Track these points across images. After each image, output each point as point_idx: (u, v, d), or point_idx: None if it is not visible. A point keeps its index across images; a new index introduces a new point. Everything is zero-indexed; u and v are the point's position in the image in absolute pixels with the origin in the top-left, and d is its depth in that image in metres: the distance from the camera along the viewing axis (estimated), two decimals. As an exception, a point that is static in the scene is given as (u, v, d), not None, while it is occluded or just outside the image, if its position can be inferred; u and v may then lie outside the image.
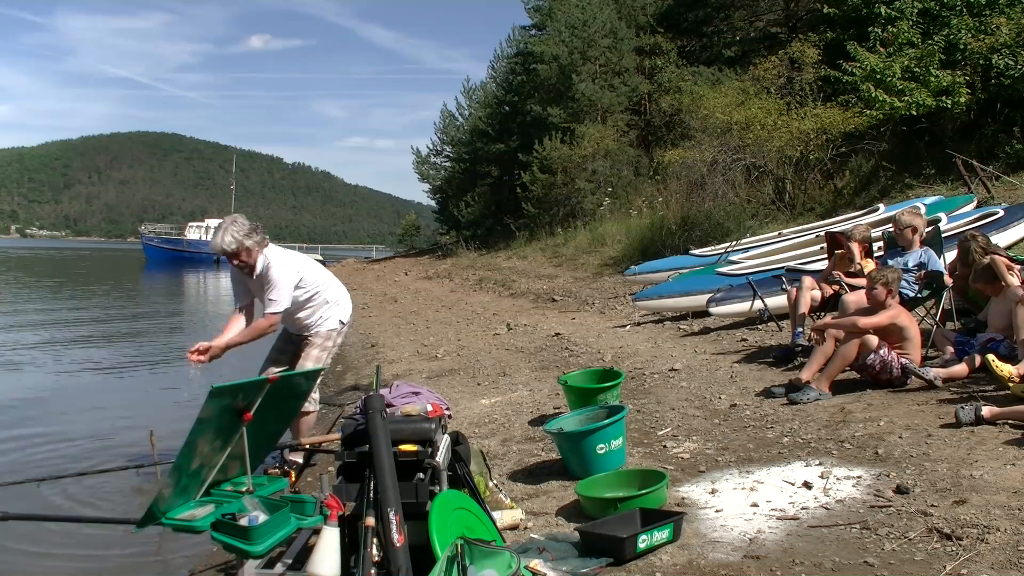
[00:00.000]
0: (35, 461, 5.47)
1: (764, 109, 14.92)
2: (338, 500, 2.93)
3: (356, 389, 7.41)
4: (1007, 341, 4.88)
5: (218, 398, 3.00)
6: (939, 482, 3.47)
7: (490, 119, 33.48)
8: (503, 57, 35.20)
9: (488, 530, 3.11)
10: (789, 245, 10.00)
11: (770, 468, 3.94)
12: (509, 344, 9.03)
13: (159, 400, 7.82)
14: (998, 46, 12.28)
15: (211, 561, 3.72)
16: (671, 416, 5.13)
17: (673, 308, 8.98)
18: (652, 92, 25.50)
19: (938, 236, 6.28)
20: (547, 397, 6.11)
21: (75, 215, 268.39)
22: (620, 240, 17.25)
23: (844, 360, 5.02)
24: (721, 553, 3.06)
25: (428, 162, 39.28)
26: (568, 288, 14.36)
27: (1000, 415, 4.09)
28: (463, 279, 20.12)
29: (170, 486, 3.03)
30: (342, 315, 4.86)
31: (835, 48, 15.42)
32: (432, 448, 3.12)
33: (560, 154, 23.86)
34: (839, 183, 15.01)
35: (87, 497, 4.72)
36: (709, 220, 14.42)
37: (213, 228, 26.30)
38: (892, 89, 12.39)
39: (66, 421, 6.78)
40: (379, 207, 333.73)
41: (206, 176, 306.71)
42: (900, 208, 7.62)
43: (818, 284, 6.42)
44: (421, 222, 55.13)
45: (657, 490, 3.56)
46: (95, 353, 11.03)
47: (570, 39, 25.70)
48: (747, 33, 24.60)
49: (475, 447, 4.01)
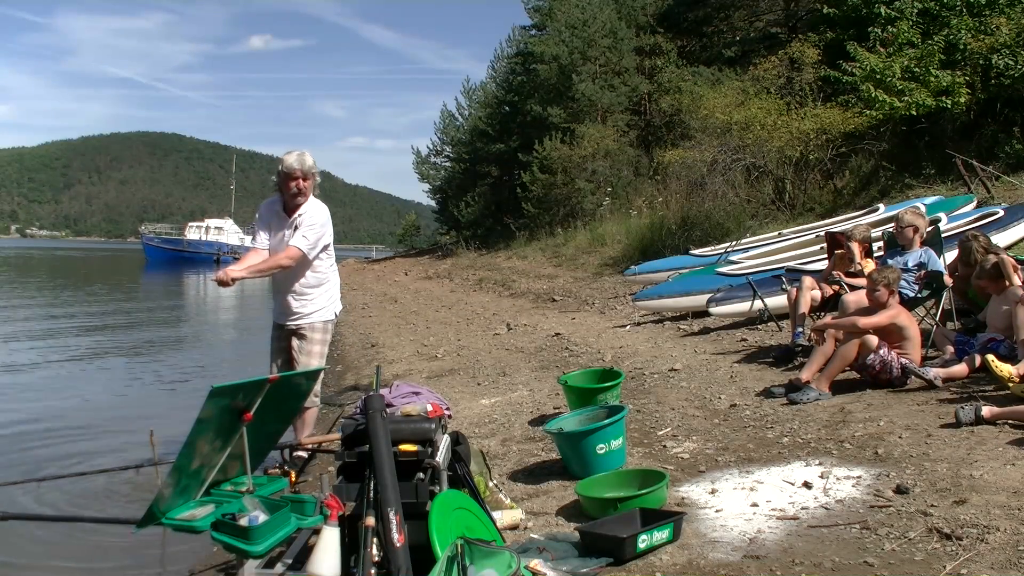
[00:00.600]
0: (35, 461, 5.47)
1: (764, 109, 14.92)
2: (338, 500, 2.93)
3: (356, 389, 7.41)
4: (1007, 341, 4.88)
5: (218, 398, 3.00)
6: (939, 482, 3.47)
7: (490, 119, 33.48)
8: (503, 57, 35.24)
9: (488, 530, 3.11)
10: (789, 245, 10.00)
11: (770, 468, 3.94)
12: (509, 344, 9.03)
13: (159, 400, 7.82)
14: (998, 46, 12.27)
15: (211, 561, 3.72)
16: (671, 416, 5.13)
17: (673, 308, 8.98)
18: (652, 92, 25.51)
19: (938, 236, 6.28)
20: (547, 397, 6.11)
21: (75, 215, 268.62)
22: (620, 240, 17.25)
23: (844, 360, 5.03)
24: (721, 553, 3.06)
25: (428, 162, 39.32)
26: (568, 288, 14.36)
27: (1000, 415, 4.09)
28: (463, 279, 20.12)
29: (170, 486, 3.02)
30: (337, 308, 4.86)
31: (835, 48, 15.41)
32: (432, 448, 3.12)
33: (560, 154, 23.87)
34: (839, 183, 15.01)
35: (87, 497, 4.72)
36: (709, 220, 14.43)
37: (208, 226, 25.63)
38: (892, 89, 12.38)
39: (66, 421, 6.78)
40: (379, 207, 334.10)
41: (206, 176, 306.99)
42: (900, 208, 7.63)
43: (818, 284, 6.42)
44: (421, 222, 55.22)
45: (657, 490, 3.56)
46: (95, 353, 11.03)
47: (570, 39, 25.71)
48: (747, 33, 24.61)
49: (475, 447, 4.01)
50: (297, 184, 4.45)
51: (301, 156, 4.48)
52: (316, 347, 4.68)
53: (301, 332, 4.67)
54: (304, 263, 4.55)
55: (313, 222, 4.51)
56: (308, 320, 4.67)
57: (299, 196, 4.48)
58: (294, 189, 4.46)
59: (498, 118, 32.99)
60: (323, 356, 4.74)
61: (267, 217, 4.63)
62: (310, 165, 4.49)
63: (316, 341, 4.69)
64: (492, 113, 33.79)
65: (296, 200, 4.49)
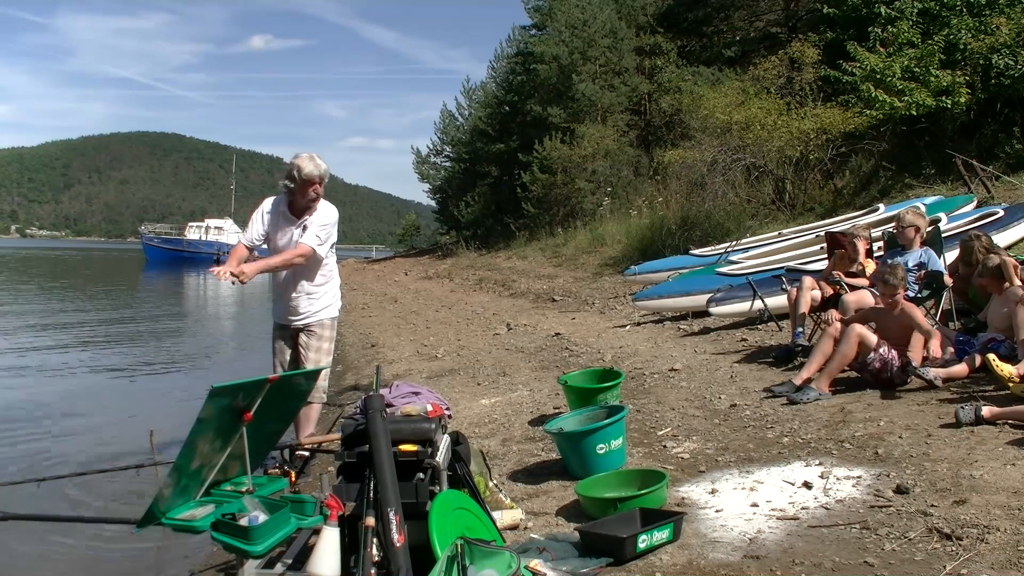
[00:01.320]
0: (35, 461, 5.48)
1: (764, 109, 14.91)
2: (338, 500, 2.93)
3: (356, 389, 7.41)
4: (1008, 341, 4.88)
5: (218, 398, 3.00)
6: (939, 482, 3.47)
7: (490, 119, 33.48)
8: (503, 57, 35.22)
9: (488, 530, 3.11)
10: (789, 245, 10.00)
11: (770, 468, 3.94)
12: (509, 344, 9.03)
13: (159, 400, 7.82)
14: (998, 46, 12.27)
15: (211, 561, 3.72)
16: (671, 416, 5.13)
17: (673, 308, 8.98)
18: (652, 92, 25.50)
19: (938, 236, 6.28)
20: (547, 397, 6.11)
21: (75, 215, 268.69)
22: (620, 240, 17.25)
23: (844, 359, 5.03)
24: (721, 553, 3.06)
25: (428, 162, 39.31)
26: (568, 288, 14.35)
27: (1000, 415, 4.09)
28: (463, 279, 20.12)
29: (170, 486, 3.02)
30: (339, 305, 4.90)
31: (835, 48, 15.41)
32: (432, 448, 3.12)
33: (560, 154, 23.86)
34: (839, 183, 15.01)
35: (87, 497, 4.72)
36: (709, 220, 14.42)
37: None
38: (892, 89, 12.38)
39: (66, 421, 6.79)
40: (379, 207, 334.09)
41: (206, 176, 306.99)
42: (900, 208, 7.63)
43: (818, 284, 6.42)
44: (421, 222, 55.20)
45: (657, 490, 3.56)
46: (95, 353, 11.03)
47: (570, 39, 25.70)
48: (747, 33, 24.59)
49: (475, 447, 4.01)
50: (315, 189, 4.51)
51: (316, 161, 4.51)
52: (325, 344, 4.73)
53: (311, 329, 4.70)
54: (314, 262, 4.59)
55: (325, 222, 4.57)
56: (317, 318, 4.70)
57: (315, 201, 4.55)
58: (312, 195, 4.51)
59: (498, 118, 32.98)
60: (330, 354, 4.78)
61: (273, 216, 4.64)
62: (325, 169, 4.54)
63: (325, 338, 4.73)
64: (492, 113, 33.78)
65: (312, 204, 4.54)
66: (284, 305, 4.72)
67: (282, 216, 4.61)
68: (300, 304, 4.67)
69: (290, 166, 4.53)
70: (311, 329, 4.70)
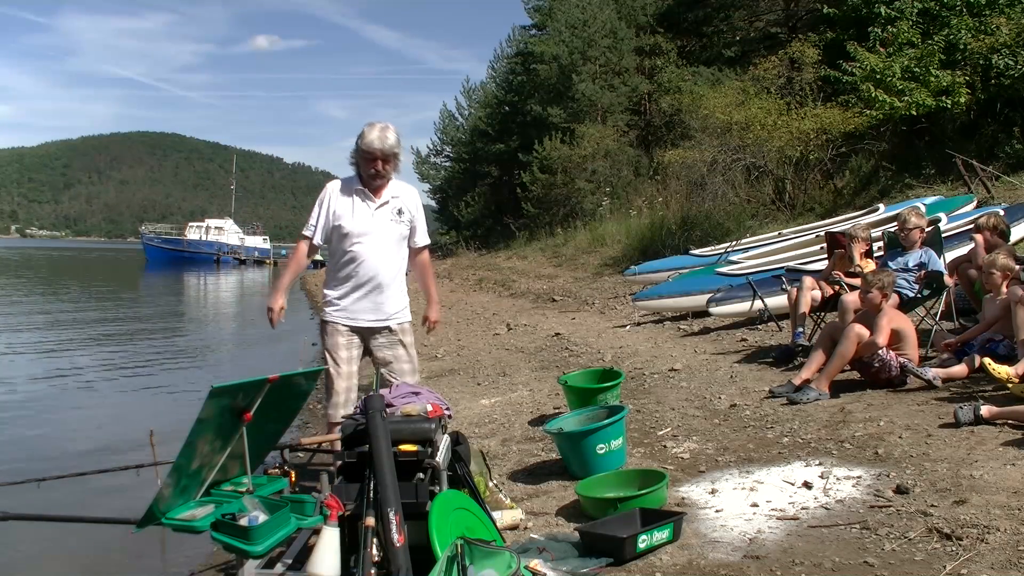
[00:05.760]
0: (35, 461, 5.47)
1: (764, 109, 14.91)
2: (338, 500, 2.93)
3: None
4: (1007, 341, 4.87)
5: (218, 398, 3.00)
6: (939, 482, 3.47)
7: (490, 119, 33.51)
8: (503, 57, 35.27)
9: (488, 530, 3.11)
10: (789, 245, 9.99)
11: (770, 468, 3.94)
12: (509, 344, 9.03)
13: (159, 400, 7.82)
14: (998, 46, 12.26)
15: (211, 561, 3.72)
16: (671, 416, 5.13)
17: (673, 308, 8.98)
18: (652, 92, 25.51)
19: (938, 236, 6.28)
20: (547, 397, 6.11)
21: (75, 215, 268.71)
22: (620, 240, 17.25)
23: (843, 360, 5.03)
24: (721, 553, 3.06)
25: (428, 162, 39.36)
26: (568, 288, 14.35)
27: (999, 415, 4.09)
28: (463, 279, 20.12)
29: (170, 486, 3.02)
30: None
31: (835, 48, 15.40)
32: (432, 448, 3.12)
33: (560, 154, 23.88)
34: (839, 183, 15.01)
35: (87, 497, 4.71)
36: (709, 220, 14.43)
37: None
38: (892, 89, 12.37)
39: (66, 421, 6.79)
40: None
41: (206, 176, 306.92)
42: (900, 208, 7.62)
43: (818, 284, 6.42)
44: (421, 222, 55.06)
45: (657, 490, 3.56)
46: (95, 353, 11.03)
47: (570, 39, 25.72)
48: (747, 33, 24.60)
49: (475, 447, 4.01)
50: (375, 166, 3.88)
51: (384, 133, 3.86)
52: (413, 350, 4.28)
53: (404, 328, 4.22)
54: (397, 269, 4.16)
55: (422, 215, 4.13)
56: (408, 316, 4.24)
57: (377, 178, 3.94)
58: (371, 171, 3.90)
59: (498, 118, 33.01)
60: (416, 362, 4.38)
61: (343, 200, 3.99)
62: (391, 144, 3.87)
63: (410, 344, 4.27)
64: (492, 113, 33.81)
65: (375, 182, 3.95)
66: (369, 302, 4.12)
67: (358, 194, 3.98)
68: (393, 299, 4.16)
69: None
70: (404, 328, 4.20)
